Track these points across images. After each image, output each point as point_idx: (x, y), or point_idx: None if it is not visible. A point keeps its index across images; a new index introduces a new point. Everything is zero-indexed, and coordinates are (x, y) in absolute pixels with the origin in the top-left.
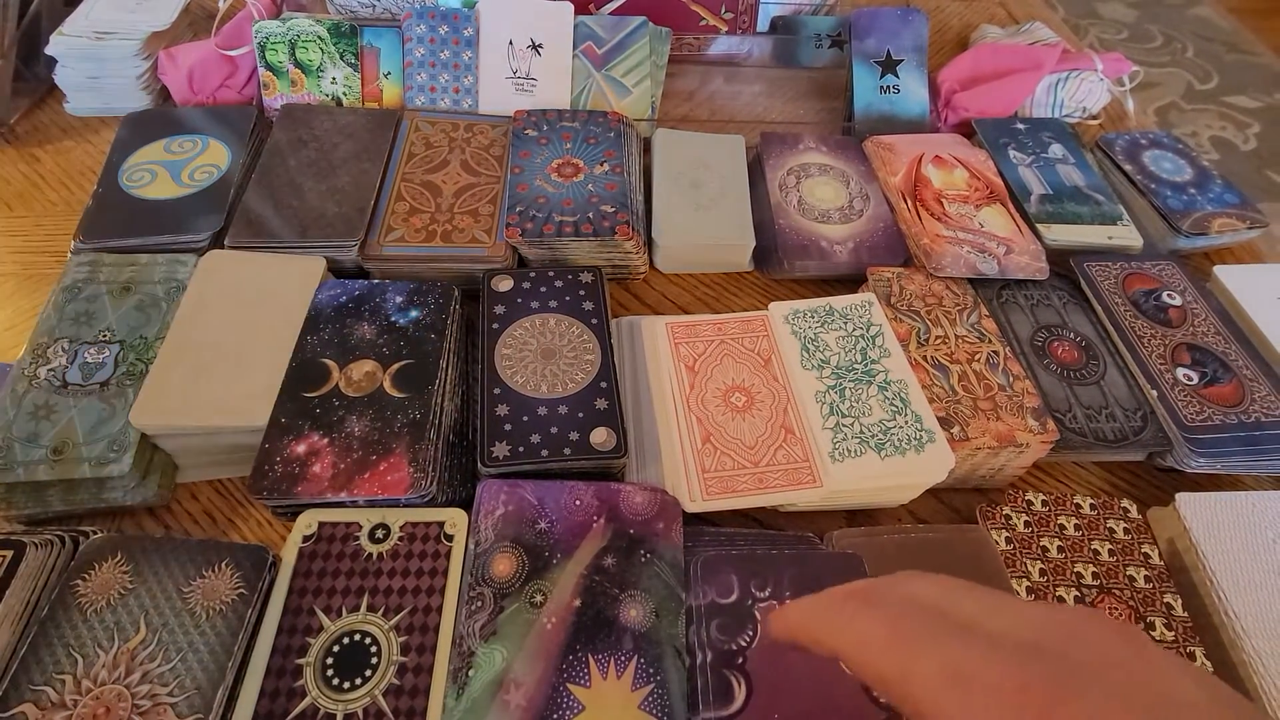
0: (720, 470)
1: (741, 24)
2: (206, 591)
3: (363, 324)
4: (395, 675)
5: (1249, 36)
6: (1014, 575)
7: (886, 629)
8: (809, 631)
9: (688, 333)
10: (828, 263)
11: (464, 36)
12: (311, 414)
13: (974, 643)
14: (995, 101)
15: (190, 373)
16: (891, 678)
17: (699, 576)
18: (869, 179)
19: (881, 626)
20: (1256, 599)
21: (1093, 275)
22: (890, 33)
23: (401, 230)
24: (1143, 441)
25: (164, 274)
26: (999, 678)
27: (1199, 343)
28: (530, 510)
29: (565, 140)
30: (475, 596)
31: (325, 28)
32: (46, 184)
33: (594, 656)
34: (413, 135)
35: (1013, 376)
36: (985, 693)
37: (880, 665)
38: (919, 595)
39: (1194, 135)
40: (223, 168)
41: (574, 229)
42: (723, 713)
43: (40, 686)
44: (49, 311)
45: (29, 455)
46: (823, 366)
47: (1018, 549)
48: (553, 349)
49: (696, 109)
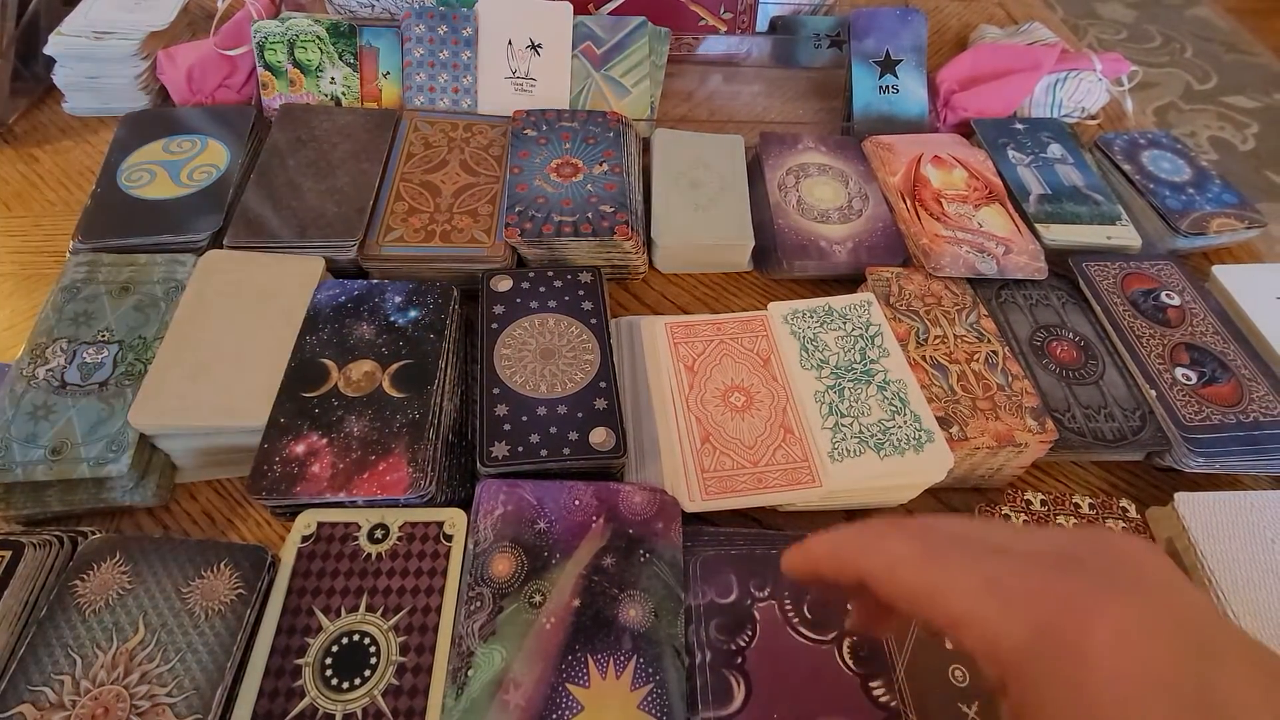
0: (719, 470)
1: (741, 24)
2: (205, 592)
3: (362, 324)
4: (394, 675)
5: (1247, 37)
6: None
7: (921, 547)
8: (835, 557)
9: (687, 332)
10: (827, 263)
11: (463, 36)
12: (310, 414)
13: (1009, 558)
14: (994, 101)
15: (189, 373)
16: (925, 592)
17: (698, 576)
18: (868, 179)
19: (915, 545)
20: (1255, 598)
21: (1091, 275)
22: (889, 33)
23: (400, 230)
24: (1141, 441)
25: (163, 274)
26: (1040, 584)
27: (1197, 342)
28: (529, 510)
29: (564, 140)
30: (474, 596)
31: (324, 27)
32: (45, 184)
33: (593, 656)
34: (412, 135)
35: (1011, 376)
36: (1028, 598)
37: (914, 581)
38: (943, 525)
39: (1192, 135)
40: (221, 168)
41: (573, 229)
42: (722, 712)
43: (39, 687)
44: (47, 311)
45: (27, 455)
46: (822, 366)
47: None
48: (552, 349)
49: (695, 109)
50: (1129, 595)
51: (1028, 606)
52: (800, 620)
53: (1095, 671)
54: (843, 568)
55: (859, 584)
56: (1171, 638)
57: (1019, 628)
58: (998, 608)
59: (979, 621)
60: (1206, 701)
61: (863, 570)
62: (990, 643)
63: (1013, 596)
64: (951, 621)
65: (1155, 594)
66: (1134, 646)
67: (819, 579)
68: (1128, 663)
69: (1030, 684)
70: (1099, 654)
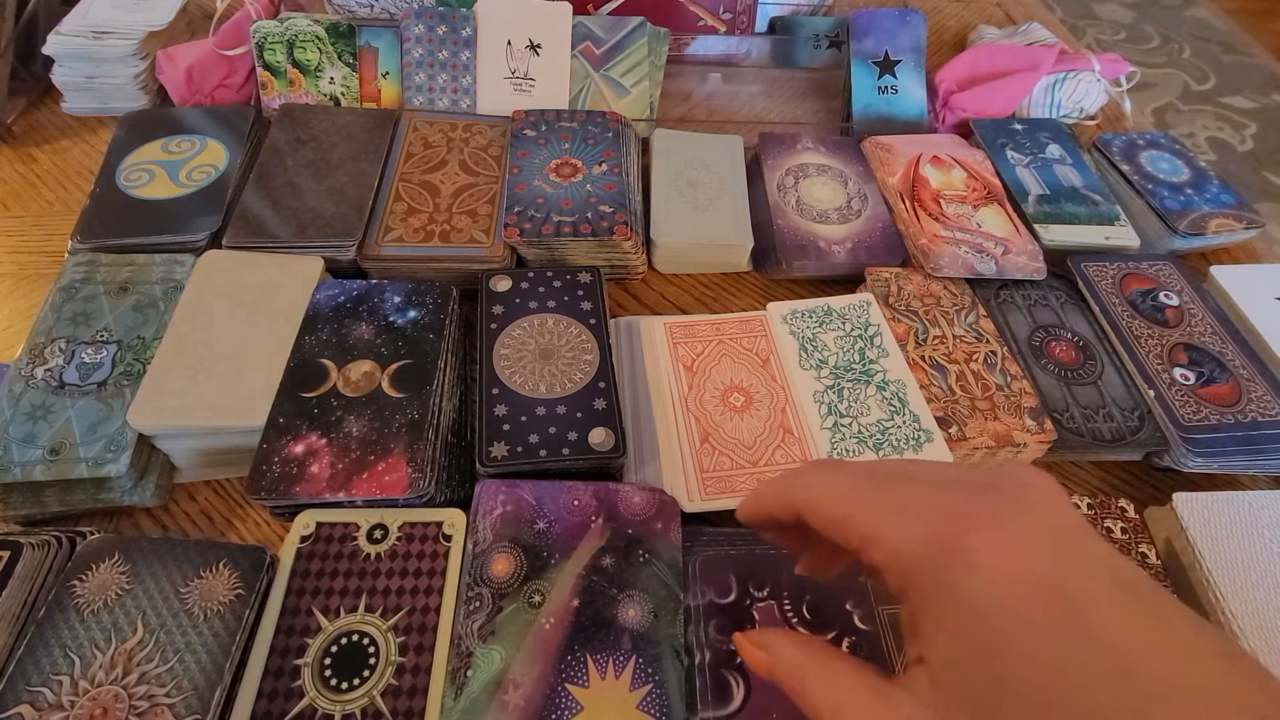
0: (719, 470)
1: (740, 24)
2: (204, 592)
3: (361, 324)
4: (393, 676)
5: (1246, 37)
6: None
7: (848, 478)
8: (774, 494)
9: (686, 333)
10: (826, 263)
11: (462, 36)
12: (309, 414)
13: (926, 484)
14: (993, 102)
15: (188, 373)
16: (844, 514)
17: (697, 576)
18: (867, 179)
19: (843, 477)
20: (1253, 598)
21: (1090, 275)
22: (888, 33)
23: (400, 230)
24: (1140, 441)
25: (161, 274)
26: (944, 502)
27: (1196, 343)
28: (529, 510)
29: (564, 140)
30: (474, 597)
31: (323, 27)
32: (43, 184)
33: (592, 656)
34: (411, 135)
35: (1010, 376)
36: (929, 512)
37: (836, 508)
38: (885, 464)
39: (1191, 136)
40: (220, 168)
41: (572, 229)
42: (721, 712)
43: (37, 688)
44: (46, 311)
45: (26, 456)
46: (821, 366)
47: None
48: (551, 349)
49: (695, 109)
50: (1016, 510)
51: (926, 519)
52: (799, 620)
53: (977, 574)
54: (781, 502)
55: (797, 519)
56: (1049, 547)
57: (916, 535)
58: (900, 521)
59: (884, 535)
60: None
61: (798, 502)
62: (891, 554)
63: (917, 511)
64: (863, 540)
65: (1039, 512)
66: (1012, 551)
67: (768, 519)
68: (1007, 564)
69: (924, 586)
70: (981, 558)
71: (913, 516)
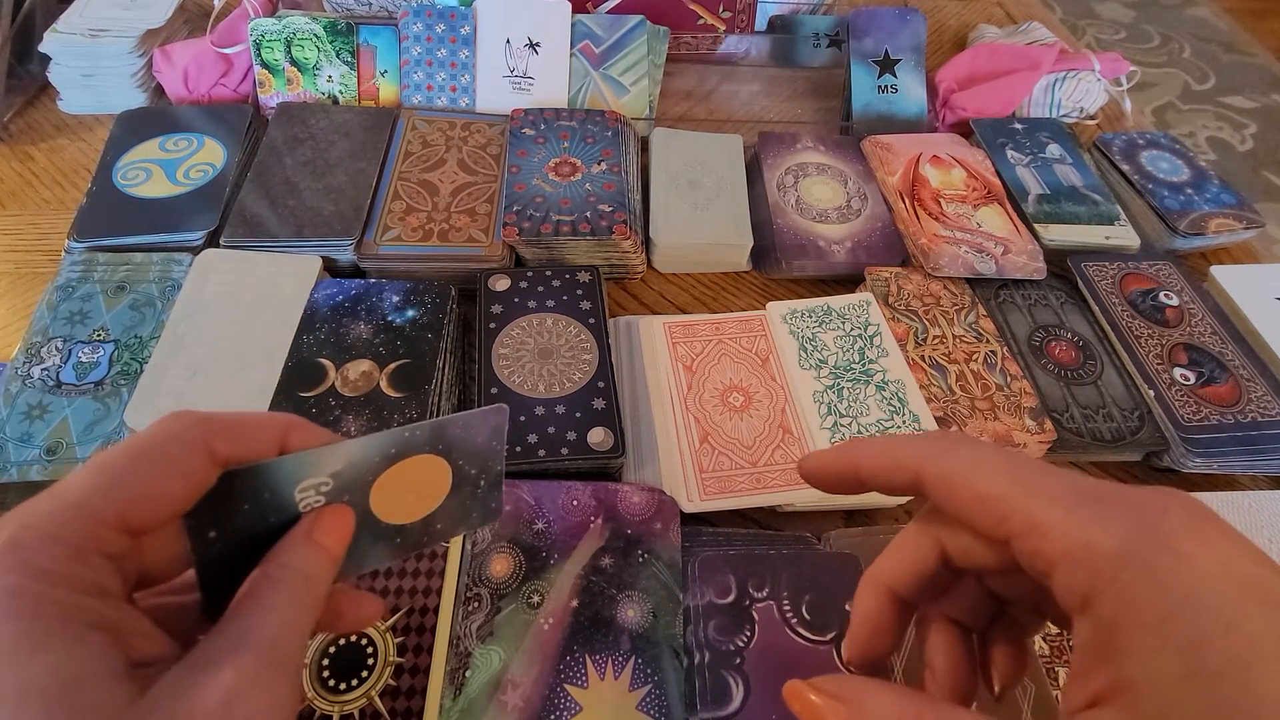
0: (718, 470)
1: (739, 23)
2: None
3: (359, 324)
4: (392, 676)
5: (1246, 37)
6: None
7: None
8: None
9: (685, 332)
10: (825, 262)
11: (461, 35)
12: (308, 414)
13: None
14: (993, 101)
15: (185, 372)
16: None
17: (697, 576)
18: (867, 179)
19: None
20: None
21: (1090, 275)
22: (888, 32)
23: (398, 229)
24: (1140, 441)
25: (159, 273)
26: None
27: (1196, 343)
28: (528, 510)
29: (563, 139)
30: (472, 597)
31: (321, 25)
32: (40, 182)
33: (591, 657)
34: (409, 134)
35: (1010, 376)
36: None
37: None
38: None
39: (1191, 136)
40: (218, 166)
41: (571, 228)
42: (720, 713)
43: None
44: (43, 310)
45: (22, 455)
46: (820, 366)
47: None
48: (550, 349)
49: (694, 108)
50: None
51: (1122, 510)
52: (799, 620)
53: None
54: (898, 467)
55: (909, 485)
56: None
57: (1116, 528)
58: (1092, 510)
59: (1068, 524)
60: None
61: (929, 472)
62: (1081, 543)
63: (1105, 500)
64: (1030, 526)
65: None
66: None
67: (851, 479)
68: (1213, 561)
69: (1125, 585)
70: (1191, 551)
71: (1109, 505)
